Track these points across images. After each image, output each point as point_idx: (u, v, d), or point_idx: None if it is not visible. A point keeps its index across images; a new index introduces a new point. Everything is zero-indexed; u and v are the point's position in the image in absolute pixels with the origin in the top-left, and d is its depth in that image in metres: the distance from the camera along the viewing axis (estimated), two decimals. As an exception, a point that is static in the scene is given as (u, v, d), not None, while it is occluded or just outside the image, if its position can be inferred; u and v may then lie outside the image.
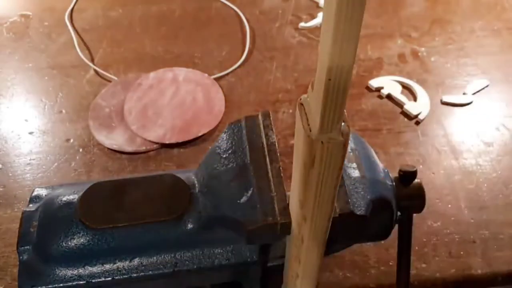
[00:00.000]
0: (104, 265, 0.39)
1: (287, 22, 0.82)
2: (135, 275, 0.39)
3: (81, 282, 0.38)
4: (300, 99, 0.26)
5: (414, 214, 0.43)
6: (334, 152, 0.25)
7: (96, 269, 0.39)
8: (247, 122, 0.40)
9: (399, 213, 0.42)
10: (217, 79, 0.72)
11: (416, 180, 0.42)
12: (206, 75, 0.72)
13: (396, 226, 0.44)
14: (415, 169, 0.42)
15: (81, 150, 0.63)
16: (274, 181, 0.37)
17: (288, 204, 0.36)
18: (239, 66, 0.74)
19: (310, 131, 0.25)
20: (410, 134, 0.64)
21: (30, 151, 0.63)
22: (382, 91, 0.69)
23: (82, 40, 0.78)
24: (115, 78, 0.72)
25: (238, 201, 0.36)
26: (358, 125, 0.65)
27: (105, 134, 0.64)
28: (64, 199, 0.40)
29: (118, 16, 0.83)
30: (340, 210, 0.36)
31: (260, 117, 0.40)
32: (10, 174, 0.60)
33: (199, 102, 0.68)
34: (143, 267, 0.39)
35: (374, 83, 0.71)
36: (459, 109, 0.69)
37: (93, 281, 0.38)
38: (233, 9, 0.84)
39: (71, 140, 0.64)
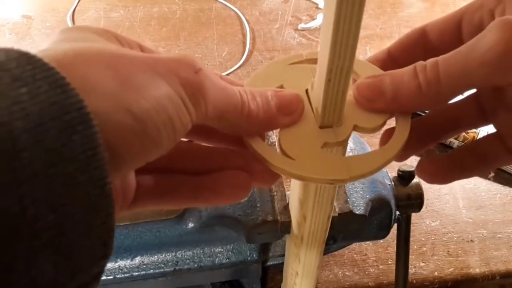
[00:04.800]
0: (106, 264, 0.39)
1: (287, 23, 0.82)
2: (136, 273, 0.39)
3: (83, 280, 0.38)
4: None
5: (413, 214, 0.43)
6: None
7: (98, 267, 0.39)
8: (247, 122, 0.41)
9: (397, 213, 0.42)
10: (217, 80, 0.72)
11: (414, 180, 0.42)
12: (207, 75, 0.73)
13: (395, 225, 0.45)
14: (413, 169, 0.42)
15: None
16: (274, 181, 0.37)
17: (288, 204, 0.36)
18: (239, 67, 0.74)
19: (310, 131, 0.25)
20: (409, 134, 0.64)
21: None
22: (381, 91, 0.70)
23: (83, 40, 0.79)
24: (116, 79, 0.72)
25: (239, 200, 0.37)
26: (358, 126, 0.65)
27: (106, 134, 0.64)
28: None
29: (119, 17, 0.83)
30: (339, 209, 0.37)
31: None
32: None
33: (200, 103, 0.68)
34: (144, 266, 0.39)
35: (373, 83, 0.71)
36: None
37: (95, 279, 0.39)
38: (233, 10, 0.84)
39: (73, 140, 0.64)
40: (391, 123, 0.25)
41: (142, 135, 0.17)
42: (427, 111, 0.29)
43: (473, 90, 0.26)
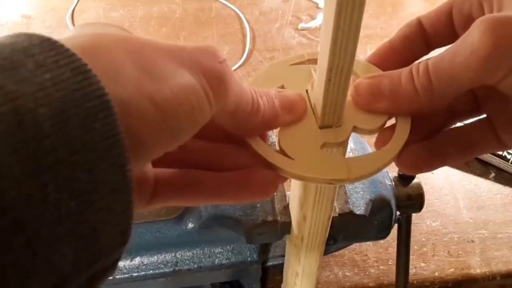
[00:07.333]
0: (105, 264, 0.39)
1: (287, 23, 0.82)
2: (135, 274, 0.39)
3: (82, 281, 0.38)
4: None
5: (413, 214, 0.43)
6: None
7: (97, 268, 0.39)
8: (247, 122, 0.41)
9: (398, 213, 0.42)
10: (217, 80, 0.72)
11: (415, 180, 0.42)
12: (207, 75, 0.72)
13: (395, 226, 0.44)
14: (414, 169, 0.42)
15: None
16: (274, 181, 0.37)
17: (288, 204, 0.36)
18: (239, 67, 0.74)
19: (310, 131, 0.25)
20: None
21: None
22: (381, 91, 0.70)
23: (83, 40, 0.79)
24: (116, 79, 0.72)
25: (239, 201, 0.36)
26: (358, 126, 0.65)
27: (105, 134, 0.64)
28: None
29: (119, 17, 0.83)
30: (339, 209, 0.37)
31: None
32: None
33: (200, 103, 0.68)
34: (143, 266, 0.39)
35: (374, 83, 0.71)
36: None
37: (95, 280, 0.38)
38: (233, 9, 0.84)
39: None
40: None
41: (162, 124, 0.17)
42: None
43: None
